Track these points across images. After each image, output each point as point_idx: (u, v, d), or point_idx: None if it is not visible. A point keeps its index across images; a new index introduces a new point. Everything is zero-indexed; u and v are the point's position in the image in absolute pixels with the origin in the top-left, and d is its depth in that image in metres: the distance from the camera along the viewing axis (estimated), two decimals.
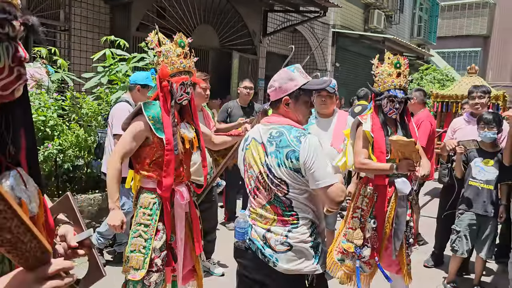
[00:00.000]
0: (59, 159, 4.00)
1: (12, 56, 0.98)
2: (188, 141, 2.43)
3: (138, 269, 2.32)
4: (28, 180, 1.07)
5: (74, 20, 6.34)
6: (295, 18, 10.43)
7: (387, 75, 2.87)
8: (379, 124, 2.89)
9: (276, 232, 1.93)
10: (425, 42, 18.63)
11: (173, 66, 2.35)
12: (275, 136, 1.92)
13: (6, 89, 0.99)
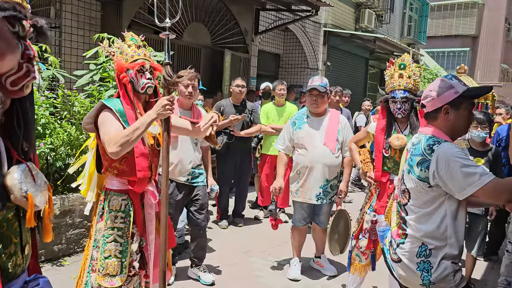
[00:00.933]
0: (50, 158, 3.96)
1: (22, 53, 1.03)
2: (151, 137, 2.31)
3: (116, 275, 2.21)
4: (37, 175, 1.11)
5: (65, 17, 6.27)
6: (286, 17, 10.44)
7: (389, 77, 3.00)
8: (383, 125, 3.06)
9: (392, 241, 1.97)
10: (415, 42, 18.77)
11: (127, 57, 2.28)
12: (414, 143, 1.89)
13: (16, 85, 1.04)
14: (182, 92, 3.45)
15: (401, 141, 2.97)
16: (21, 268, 1.12)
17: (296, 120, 3.76)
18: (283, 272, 3.94)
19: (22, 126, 1.11)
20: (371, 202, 3.13)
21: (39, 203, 1.09)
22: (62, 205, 3.95)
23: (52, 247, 3.90)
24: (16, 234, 1.09)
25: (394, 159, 3.02)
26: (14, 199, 1.03)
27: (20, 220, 1.11)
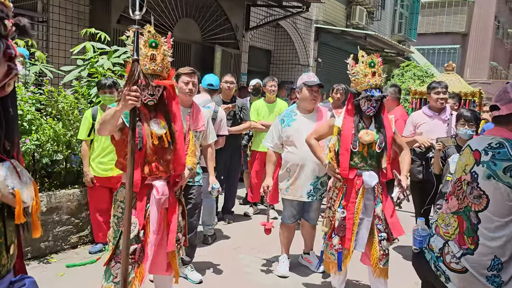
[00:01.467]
0: (37, 154, 3.92)
1: (3, 52, 1.04)
2: (156, 137, 2.42)
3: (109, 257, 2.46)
4: (22, 172, 1.11)
5: (53, 11, 6.18)
6: (278, 13, 10.43)
7: (363, 76, 2.99)
8: (351, 123, 3.06)
9: (451, 249, 1.82)
10: (405, 39, 18.85)
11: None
12: (494, 146, 1.74)
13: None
14: (182, 89, 3.41)
15: (370, 136, 3.02)
16: (6, 268, 1.11)
17: (284, 118, 3.75)
18: (272, 268, 3.95)
19: (3, 125, 1.10)
20: (339, 200, 3.13)
21: (27, 199, 1.08)
22: (49, 202, 3.90)
23: (39, 244, 3.86)
24: (0, 234, 1.09)
25: (362, 154, 3.05)
26: (1, 196, 1.03)
27: (5, 220, 1.10)
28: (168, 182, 2.53)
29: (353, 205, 3.07)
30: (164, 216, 2.53)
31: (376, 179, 3.05)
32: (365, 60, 3.03)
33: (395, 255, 4.52)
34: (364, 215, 3.07)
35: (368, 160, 3.06)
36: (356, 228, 3.07)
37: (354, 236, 3.08)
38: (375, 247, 3.06)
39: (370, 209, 3.08)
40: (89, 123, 3.95)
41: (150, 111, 2.48)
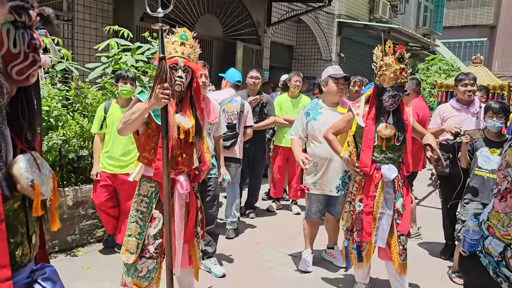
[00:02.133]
0: (63, 150, 4.00)
1: (28, 43, 1.05)
2: (183, 131, 2.41)
3: (132, 253, 2.43)
4: (42, 164, 1.12)
5: (77, 10, 6.30)
6: (299, 7, 10.34)
7: (391, 72, 2.89)
8: (373, 116, 3.00)
9: None
10: (430, 32, 18.44)
11: (166, 53, 2.32)
12: None
13: (22, 74, 1.06)
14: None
15: (390, 130, 2.96)
16: (28, 257, 1.13)
17: (309, 111, 3.71)
18: (295, 264, 3.93)
19: (26, 115, 1.12)
20: (359, 194, 3.10)
21: (45, 192, 1.09)
22: (75, 196, 3.98)
23: (65, 238, 3.95)
24: (23, 224, 1.10)
25: (381, 148, 3.01)
26: (21, 188, 1.04)
27: (26, 211, 1.11)
28: (189, 176, 2.54)
29: (372, 199, 3.03)
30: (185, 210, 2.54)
31: (396, 172, 3.00)
32: (394, 55, 2.94)
33: (421, 251, 4.44)
34: (384, 209, 3.03)
35: (387, 154, 3.01)
36: (376, 222, 3.03)
37: (375, 230, 3.03)
38: (394, 242, 3.02)
39: (390, 203, 3.03)
40: (101, 117, 3.89)
41: (176, 103, 2.46)
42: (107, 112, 3.88)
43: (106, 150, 3.91)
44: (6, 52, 1.02)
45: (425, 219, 5.20)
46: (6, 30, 1.02)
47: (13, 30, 1.03)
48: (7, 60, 1.03)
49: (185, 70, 2.40)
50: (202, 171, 2.61)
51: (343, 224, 3.25)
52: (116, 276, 3.22)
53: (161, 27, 2.06)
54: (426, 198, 6.77)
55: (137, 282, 2.43)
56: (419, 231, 4.87)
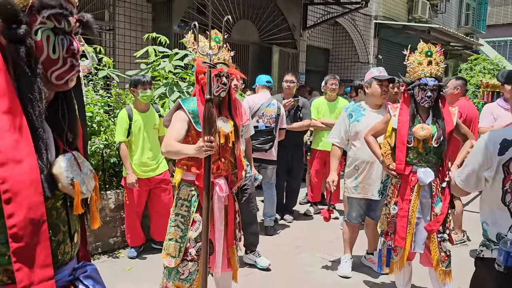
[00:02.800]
0: (105, 154, 4.12)
1: (67, 48, 1.08)
2: (223, 136, 2.44)
3: (174, 257, 2.45)
4: (83, 163, 1.15)
5: (118, 19, 6.52)
6: (335, 10, 10.24)
7: (418, 64, 2.89)
8: (407, 115, 2.92)
9: None
10: (473, 31, 17.78)
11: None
12: None
13: (61, 79, 1.09)
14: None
15: (426, 131, 2.84)
16: (69, 255, 1.15)
17: (352, 113, 3.66)
18: (334, 268, 3.86)
19: (66, 118, 1.16)
20: (395, 197, 3.00)
21: (85, 190, 1.12)
22: (116, 199, 4.09)
23: (108, 240, 4.06)
24: (64, 223, 1.13)
25: (417, 150, 2.89)
26: (62, 187, 1.07)
27: (68, 209, 1.14)
28: (227, 179, 2.55)
29: (407, 203, 2.93)
30: (224, 214, 2.56)
31: (432, 177, 2.86)
32: (421, 49, 2.91)
33: (467, 257, 4.25)
34: (420, 214, 2.92)
35: (424, 156, 2.90)
36: (412, 227, 2.93)
37: (412, 236, 2.93)
38: (435, 248, 2.90)
39: (427, 208, 2.91)
40: (127, 124, 3.82)
41: (216, 106, 2.48)
42: (132, 119, 3.85)
43: (136, 157, 3.91)
44: (45, 58, 1.06)
45: (471, 224, 4.98)
46: (46, 36, 1.05)
47: (53, 37, 1.06)
48: (46, 65, 1.06)
49: (227, 76, 2.45)
50: (239, 176, 2.62)
51: (379, 227, 3.19)
52: (156, 278, 3.28)
53: (210, 67, 2.03)
54: (471, 202, 6.50)
55: (179, 285, 2.46)
56: (464, 237, 4.67)
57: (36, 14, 1.03)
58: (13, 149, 0.97)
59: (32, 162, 0.99)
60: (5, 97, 0.98)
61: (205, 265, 2.20)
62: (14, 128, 0.98)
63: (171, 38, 6.18)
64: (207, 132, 2.06)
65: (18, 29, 1.00)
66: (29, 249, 0.98)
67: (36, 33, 1.04)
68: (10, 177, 0.96)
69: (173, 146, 2.31)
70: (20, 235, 0.96)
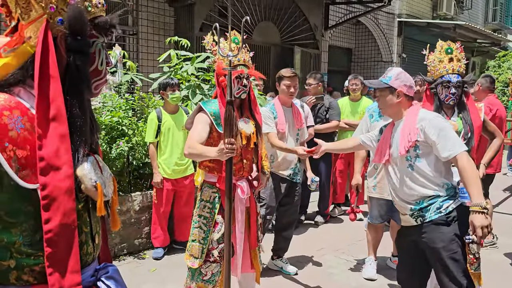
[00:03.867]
0: (131, 157, 4.19)
1: (106, 61, 1.18)
2: (245, 137, 2.45)
3: (197, 258, 2.47)
4: (104, 167, 1.18)
5: (141, 24, 6.63)
6: (357, 9, 10.14)
7: (439, 62, 2.88)
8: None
9: None
10: (501, 27, 17.29)
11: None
12: None
13: (98, 89, 1.18)
14: (284, 91, 3.49)
15: (453, 127, 2.76)
16: (92, 256, 1.18)
17: (373, 113, 3.63)
18: (358, 270, 3.81)
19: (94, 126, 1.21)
20: None
21: (107, 193, 1.14)
22: (141, 201, 4.15)
23: (133, 241, 4.12)
24: (86, 224, 1.16)
25: None
26: (85, 188, 1.09)
27: (90, 211, 1.17)
28: (249, 181, 2.55)
29: None
30: (246, 216, 2.56)
31: (457, 176, 2.79)
32: (441, 47, 2.89)
33: (497, 260, 4.12)
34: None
35: None
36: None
37: None
38: None
39: None
40: (156, 125, 3.94)
41: (237, 108, 2.49)
42: (161, 121, 3.98)
43: (165, 157, 4.02)
44: (94, 69, 1.14)
45: (501, 226, 4.84)
46: (98, 49, 1.14)
47: (103, 51, 1.15)
48: (93, 76, 1.14)
49: (247, 78, 2.46)
50: (260, 180, 2.62)
51: None
52: (180, 279, 3.30)
53: (230, 70, 2.02)
54: (501, 203, 6.31)
55: (202, 286, 2.48)
56: (494, 240, 4.54)
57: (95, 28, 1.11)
58: (54, 157, 1.00)
59: (69, 170, 1.03)
60: (54, 104, 1.02)
61: (228, 266, 2.21)
62: (57, 136, 1.02)
63: (193, 41, 6.24)
64: (228, 134, 2.06)
65: (82, 41, 1.07)
66: (62, 254, 1.01)
67: (92, 46, 1.12)
68: (50, 183, 0.99)
69: (195, 148, 2.32)
70: (55, 240, 1.00)
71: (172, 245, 4.25)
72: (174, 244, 4.26)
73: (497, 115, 4.46)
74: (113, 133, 3.96)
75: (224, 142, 2.05)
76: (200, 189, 2.59)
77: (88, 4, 1.08)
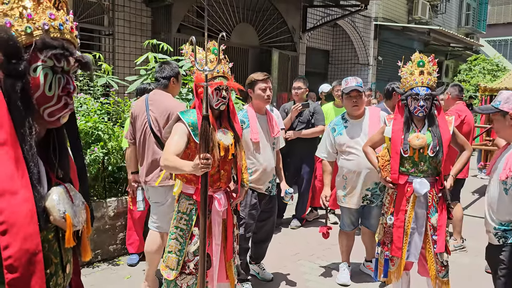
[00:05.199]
0: (106, 162, 4.13)
1: (63, 87, 1.11)
2: (223, 148, 2.44)
3: (173, 269, 2.46)
4: (75, 195, 1.15)
5: (118, 24, 6.53)
6: (335, 12, 10.24)
7: (409, 74, 2.94)
8: (401, 125, 2.96)
9: None
10: (473, 31, 17.77)
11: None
12: None
13: (53, 116, 1.11)
14: (259, 96, 3.30)
15: (421, 140, 2.86)
16: (61, 286, 1.16)
17: (335, 126, 3.67)
18: (332, 276, 3.87)
19: (57, 155, 1.17)
20: (391, 206, 3.02)
21: (77, 223, 1.12)
22: (116, 207, 4.11)
23: (107, 247, 4.07)
24: (56, 255, 1.14)
25: (413, 160, 2.91)
26: (53, 220, 1.07)
27: (60, 241, 1.15)
28: (226, 192, 2.56)
29: (403, 213, 2.95)
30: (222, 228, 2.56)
31: (428, 187, 2.87)
32: (414, 60, 2.95)
33: (466, 265, 4.26)
34: (415, 224, 2.94)
35: (420, 166, 2.91)
36: (407, 237, 2.95)
37: (407, 245, 2.96)
38: (431, 258, 2.93)
39: (422, 219, 2.93)
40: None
41: (216, 119, 2.48)
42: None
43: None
44: (40, 94, 1.07)
45: (470, 229, 4.99)
46: (44, 74, 1.07)
47: (51, 75, 1.08)
48: (40, 102, 1.08)
49: (226, 89, 2.45)
50: (238, 193, 2.62)
51: (377, 236, 3.21)
52: None
53: (206, 85, 1.98)
54: (470, 206, 6.51)
55: None
56: (464, 243, 4.68)
57: (37, 52, 1.05)
58: (9, 181, 0.97)
59: (28, 194, 1.00)
60: (2, 129, 0.99)
61: (203, 278, 2.21)
62: (10, 160, 0.98)
63: (171, 43, 6.19)
64: (203, 149, 2.06)
65: (18, 64, 1.02)
66: (24, 280, 0.98)
67: (35, 70, 1.06)
68: (6, 208, 0.96)
69: (171, 161, 2.30)
70: (16, 266, 0.96)
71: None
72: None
73: (465, 122, 4.60)
74: (88, 138, 3.89)
75: (200, 158, 2.05)
76: (178, 200, 2.57)
77: (27, 27, 1.04)
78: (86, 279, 3.51)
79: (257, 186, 3.35)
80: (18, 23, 1.04)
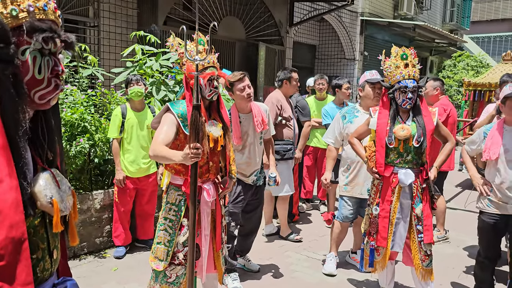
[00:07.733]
0: (92, 154, 4.10)
1: (51, 69, 1.10)
2: (212, 140, 2.45)
3: (162, 260, 2.46)
4: (61, 181, 1.15)
5: (103, 16, 6.44)
6: (322, 7, 10.27)
7: (395, 68, 2.97)
8: (386, 118, 3.00)
9: None
10: (458, 28, 18.00)
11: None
12: None
13: (43, 99, 1.10)
14: (240, 96, 3.24)
15: (406, 131, 2.91)
16: (49, 272, 1.16)
17: (346, 114, 3.73)
18: (319, 267, 3.92)
19: (46, 136, 1.16)
20: (377, 197, 3.07)
21: (64, 208, 1.12)
22: (102, 199, 4.08)
23: (94, 240, 4.05)
24: (43, 240, 1.13)
25: (398, 151, 2.96)
26: (40, 205, 1.07)
27: (47, 226, 1.14)
28: (215, 183, 2.57)
29: (388, 204, 2.99)
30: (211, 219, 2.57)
31: (413, 178, 2.93)
32: (396, 53, 2.99)
33: (448, 255, 4.35)
34: (400, 214, 3.00)
35: (405, 156, 2.96)
36: (393, 227, 3.01)
37: (391, 235, 3.01)
38: (415, 248, 2.99)
39: (407, 209, 2.99)
40: (119, 121, 3.89)
41: (206, 109, 2.48)
42: (125, 117, 3.91)
43: (127, 155, 3.96)
44: (30, 78, 1.06)
45: (452, 221, 5.09)
46: (33, 57, 1.06)
47: (39, 58, 1.07)
48: (31, 85, 1.07)
49: (217, 79, 2.46)
50: (227, 184, 2.63)
51: (363, 227, 3.25)
52: (142, 278, 3.29)
53: (196, 75, 1.98)
54: (453, 198, 6.63)
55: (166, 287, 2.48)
56: (447, 235, 4.77)
57: (25, 35, 1.04)
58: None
59: (13, 182, 0.99)
60: None
61: (192, 268, 2.22)
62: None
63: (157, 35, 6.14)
64: (193, 139, 2.06)
65: (6, 48, 1.00)
66: (10, 267, 0.97)
67: (23, 53, 1.04)
68: None
69: (160, 151, 2.29)
70: (2, 254, 0.96)
71: (134, 243, 4.22)
72: (136, 242, 4.23)
73: (450, 115, 4.69)
74: (73, 130, 3.85)
75: (190, 147, 2.05)
76: (166, 191, 2.57)
77: (12, 9, 1.02)
78: (72, 271, 3.46)
79: (243, 177, 3.41)
80: (3, 5, 1.02)
